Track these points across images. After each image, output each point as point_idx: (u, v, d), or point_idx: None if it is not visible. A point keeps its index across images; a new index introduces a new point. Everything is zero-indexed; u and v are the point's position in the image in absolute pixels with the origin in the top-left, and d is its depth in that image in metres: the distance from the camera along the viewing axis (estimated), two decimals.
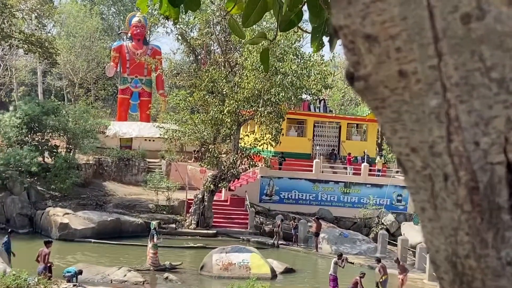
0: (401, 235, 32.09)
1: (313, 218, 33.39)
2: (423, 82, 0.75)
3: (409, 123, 0.78)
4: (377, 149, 47.72)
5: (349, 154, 39.14)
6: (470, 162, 0.74)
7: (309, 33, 3.68)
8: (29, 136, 35.84)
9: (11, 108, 43.14)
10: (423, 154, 0.77)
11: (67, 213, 30.42)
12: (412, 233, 32.12)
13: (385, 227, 34.66)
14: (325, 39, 3.54)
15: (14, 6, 39.72)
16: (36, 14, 42.89)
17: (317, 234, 31.06)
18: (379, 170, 39.22)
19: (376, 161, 39.82)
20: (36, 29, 44.75)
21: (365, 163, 37.91)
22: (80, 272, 20.33)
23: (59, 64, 51.70)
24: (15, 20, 42.30)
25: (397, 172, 41.15)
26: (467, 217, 0.76)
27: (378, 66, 0.78)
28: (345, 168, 38.78)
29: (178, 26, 33.81)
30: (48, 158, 35.75)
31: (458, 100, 0.74)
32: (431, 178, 0.78)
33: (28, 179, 32.96)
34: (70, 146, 37.62)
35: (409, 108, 0.77)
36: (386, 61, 0.77)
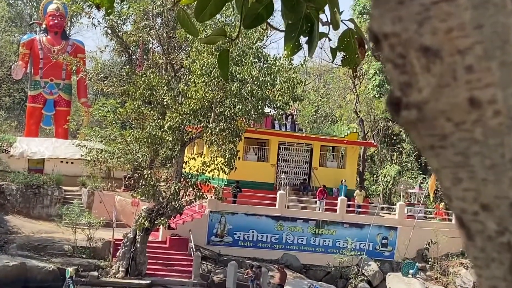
0: None
1: (276, 266, 33.38)
2: (505, 115, 0.71)
3: (480, 170, 0.73)
4: (358, 179, 48.29)
5: (324, 186, 39.42)
6: None
7: (281, 31, 3.67)
8: None
9: None
10: (499, 213, 0.73)
11: None
12: (399, 286, 32.49)
13: (366, 278, 34.94)
14: (302, 39, 3.54)
15: None
16: None
17: (280, 287, 31.04)
18: (359, 206, 39.61)
19: (355, 194, 40.21)
20: None
21: (342, 197, 38.23)
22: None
23: None
24: None
25: (382, 208, 41.72)
26: None
27: (439, 91, 0.74)
28: (316, 203, 39.06)
29: (107, 17, 33.76)
30: None
31: None
32: (511, 247, 0.73)
33: None
34: None
35: (481, 150, 0.73)
36: (451, 85, 0.73)
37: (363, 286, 31.63)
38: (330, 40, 4.23)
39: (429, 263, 36.50)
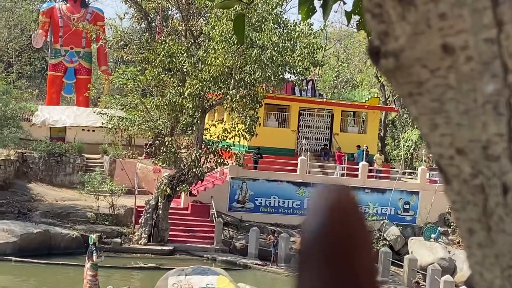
0: (408, 253, 32.39)
1: (298, 231, 33.48)
2: (476, 60, 0.73)
3: (455, 115, 0.75)
4: (379, 144, 48.15)
5: (339, 149, 39.28)
6: None
7: None
8: None
9: None
10: (473, 157, 0.75)
11: None
12: (422, 251, 32.44)
13: (388, 243, 34.95)
14: (317, 3, 3.52)
15: None
16: None
17: None
18: (378, 171, 39.48)
19: (375, 158, 40.03)
20: None
21: (363, 162, 38.14)
22: None
23: None
24: None
25: (404, 173, 41.59)
26: None
27: (414, 38, 0.75)
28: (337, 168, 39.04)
29: None
30: None
31: None
32: (484, 189, 0.75)
33: None
34: None
35: (455, 96, 0.75)
36: (426, 32, 0.75)
37: (385, 251, 31.63)
38: (345, 3, 4.21)
39: (451, 227, 36.41)
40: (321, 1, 3.52)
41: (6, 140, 36.71)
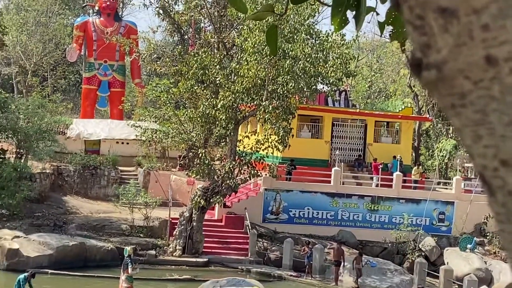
0: (444, 263, 32.08)
1: (334, 242, 33.36)
2: None
3: (499, 127, 0.74)
4: (413, 154, 47.84)
5: (375, 159, 39.18)
6: None
7: (328, 6, 3.65)
8: None
9: None
10: None
11: (17, 236, 30.38)
12: (457, 261, 32.16)
13: (423, 253, 34.69)
14: (349, 14, 3.51)
15: None
16: None
17: (337, 263, 31.02)
18: (415, 181, 39.26)
19: (413, 170, 39.87)
20: None
21: (397, 172, 37.94)
22: (33, 275, 21.79)
23: (6, 46, 51.82)
24: None
25: (438, 183, 41.27)
26: None
27: (457, 50, 0.75)
28: (372, 179, 38.84)
29: None
30: None
31: None
32: None
33: None
34: (21, 151, 37.65)
35: (499, 107, 0.74)
36: (468, 43, 0.74)
37: (420, 261, 31.37)
38: (378, 14, 4.20)
39: (487, 237, 36.03)
40: (354, 12, 3.50)
41: (42, 154, 37.02)
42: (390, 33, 4.66)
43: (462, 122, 0.79)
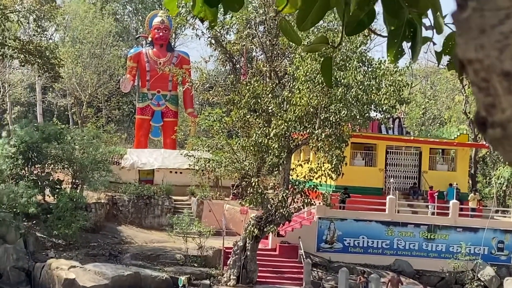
0: None
1: (390, 272, 32.99)
2: None
3: None
4: (470, 181, 47.13)
5: (431, 187, 38.71)
6: None
7: (384, 37, 3.67)
8: (26, 168, 36.49)
9: (3, 133, 44.09)
10: None
11: (74, 266, 30.73)
12: None
13: (482, 283, 34.06)
14: (405, 44, 3.53)
15: (8, 7, 40.79)
16: (34, 16, 43.93)
17: None
18: (473, 209, 38.64)
19: (469, 197, 39.28)
20: (34, 35, 45.83)
21: (454, 200, 37.42)
22: None
23: (62, 78, 52.71)
24: (9, 24, 43.34)
25: (496, 211, 40.56)
26: None
27: None
28: (428, 207, 38.37)
29: None
30: (49, 197, 36.29)
31: None
32: None
33: (25, 223, 33.48)
34: (77, 181, 38.15)
35: None
36: None
37: None
38: (434, 44, 4.21)
39: None
40: (410, 43, 3.51)
41: (97, 184, 37.46)
42: (448, 62, 4.66)
43: None
